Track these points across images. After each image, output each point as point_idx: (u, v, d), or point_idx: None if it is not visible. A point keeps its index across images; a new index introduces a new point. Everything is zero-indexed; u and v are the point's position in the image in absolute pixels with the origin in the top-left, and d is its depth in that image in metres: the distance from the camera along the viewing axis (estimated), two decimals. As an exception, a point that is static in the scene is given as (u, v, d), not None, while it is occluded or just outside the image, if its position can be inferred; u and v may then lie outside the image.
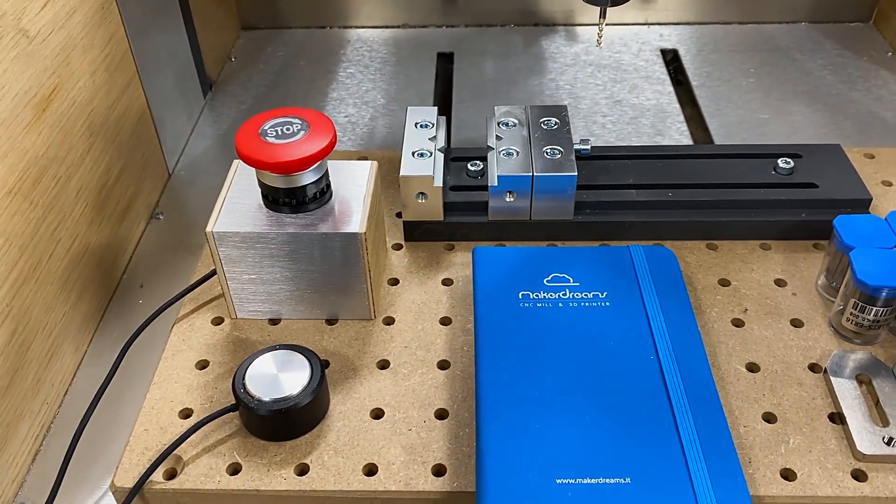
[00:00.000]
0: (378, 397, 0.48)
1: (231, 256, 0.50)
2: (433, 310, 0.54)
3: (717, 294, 0.54)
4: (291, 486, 0.44)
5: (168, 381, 0.50)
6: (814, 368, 0.49)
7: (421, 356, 0.51)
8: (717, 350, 0.51)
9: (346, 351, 0.51)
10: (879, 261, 0.49)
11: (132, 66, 0.67)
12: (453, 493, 0.43)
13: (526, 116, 0.61)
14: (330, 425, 0.47)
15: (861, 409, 0.46)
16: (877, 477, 0.44)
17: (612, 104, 0.83)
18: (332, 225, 0.49)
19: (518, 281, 0.53)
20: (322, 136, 0.48)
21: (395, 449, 0.45)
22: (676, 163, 0.60)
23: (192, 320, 0.54)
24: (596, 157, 0.61)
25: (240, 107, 0.85)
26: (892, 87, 0.85)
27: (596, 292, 0.51)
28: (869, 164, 0.65)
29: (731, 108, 0.82)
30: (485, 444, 0.43)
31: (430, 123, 0.60)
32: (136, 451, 0.46)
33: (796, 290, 0.54)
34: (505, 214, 0.58)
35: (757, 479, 0.44)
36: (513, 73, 0.89)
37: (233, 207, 0.51)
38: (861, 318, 0.49)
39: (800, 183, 0.58)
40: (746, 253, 0.57)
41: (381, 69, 0.90)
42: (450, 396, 0.48)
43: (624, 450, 0.42)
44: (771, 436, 0.46)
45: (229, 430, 0.47)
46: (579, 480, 0.41)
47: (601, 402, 0.45)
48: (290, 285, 0.51)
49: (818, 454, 0.45)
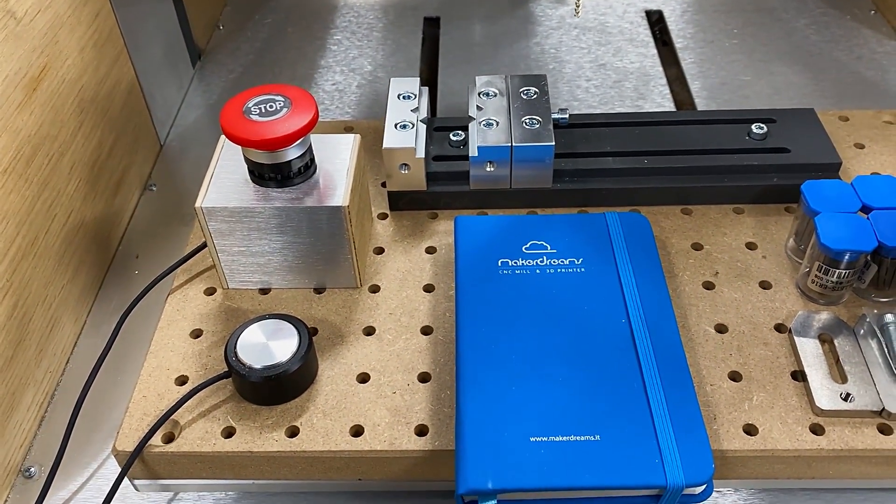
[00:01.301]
0: (364, 362, 0.51)
1: (220, 230, 0.52)
2: (417, 277, 0.56)
3: (689, 258, 0.56)
4: (283, 447, 0.47)
5: (164, 349, 0.52)
6: (780, 329, 0.52)
7: (405, 322, 0.53)
8: (687, 312, 0.53)
9: (333, 318, 0.54)
10: (843, 225, 0.51)
11: (120, 41, 0.68)
12: (435, 452, 0.46)
13: (506, 86, 0.62)
14: (319, 390, 0.49)
15: (821, 367, 0.48)
16: (833, 430, 0.46)
17: (596, 68, 0.84)
18: (317, 198, 0.51)
19: (498, 249, 0.55)
20: (304, 112, 0.49)
21: (381, 411, 0.48)
22: (653, 130, 0.62)
23: (185, 291, 0.56)
24: (574, 126, 0.62)
25: (228, 76, 0.86)
26: (874, 46, 0.85)
27: (572, 258, 0.54)
28: (843, 127, 0.66)
29: (713, 70, 0.83)
30: (463, 405, 0.46)
31: (412, 94, 0.62)
32: (136, 416, 0.48)
33: (766, 253, 0.56)
34: (486, 183, 0.60)
35: (721, 434, 0.46)
36: (499, 37, 0.90)
37: (221, 183, 0.52)
38: (825, 280, 0.51)
39: (772, 148, 0.60)
40: (720, 217, 0.59)
41: (368, 35, 0.91)
42: (432, 360, 0.51)
43: (594, 409, 0.45)
44: (736, 393, 0.48)
45: (223, 395, 0.49)
46: (552, 438, 0.44)
47: (574, 364, 0.47)
48: (278, 256, 0.54)
49: (780, 410, 0.47)
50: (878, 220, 0.51)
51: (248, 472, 0.48)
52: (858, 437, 0.46)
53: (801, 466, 0.46)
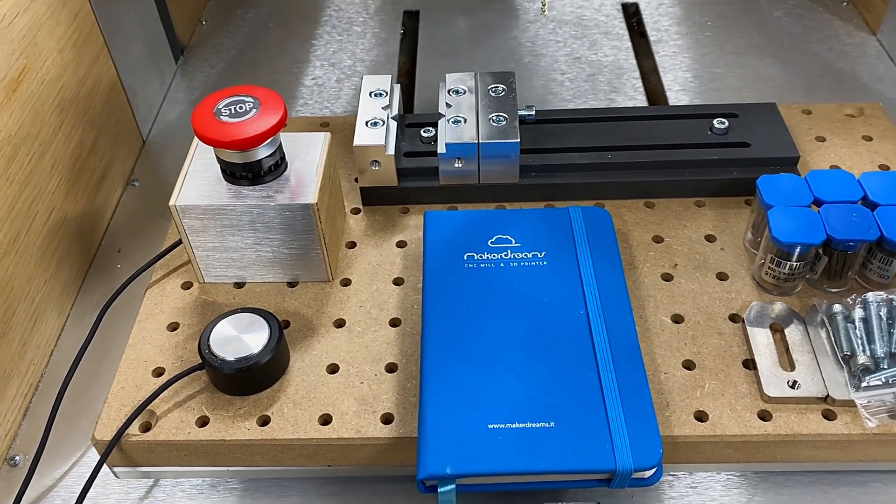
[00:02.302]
0: (334, 353, 0.53)
1: (194, 227, 0.54)
2: (387, 271, 0.58)
3: (650, 250, 0.58)
4: (254, 435, 0.49)
5: (142, 342, 0.54)
6: (734, 319, 0.54)
7: (374, 315, 0.55)
8: (645, 303, 0.55)
9: (305, 311, 0.56)
10: (794, 219, 0.52)
11: (100, 40, 0.70)
12: (399, 439, 0.48)
13: (475, 83, 0.64)
14: (290, 380, 0.51)
15: (771, 356, 0.51)
16: (780, 416, 0.48)
17: (571, 61, 0.86)
18: (288, 196, 0.53)
19: (464, 243, 0.56)
20: (273, 113, 0.51)
21: (349, 400, 0.50)
22: (617, 125, 0.64)
23: (163, 285, 0.58)
24: (541, 122, 0.64)
25: (211, 71, 0.87)
26: (844, 38, 0.87)
27: (535, 252, 0.55)
28: (805, 121, 0.68)
29: (687, 63, 0.85)
30: (426, 394, 0.48)
31: (384, 92, 0.63)
32: (114, 407, 0.51)
33: (725, 246, 0.58)
34: (455, 179, 0.62)
35: (673, 420, 0.49)
36: (477, 31, 0.91)
37: (194, 181, 0.54)
38: (778, 272, 0.53)
39: (733, 142, 0.62)
40: (681, 210, 0.61)
41: (348, 29, 0.92)
42: (400, 351, 0.53)
43: (550, 397, 0.47)
44: (689, 381, 0.50)
45: (198, 386, 0.51)
46: (508, 425, 0.46)
47: (533, 355, 0.49)
48: (251, 252, 0.55)
49: (730, 397, 0.49)
50: (828, 214, 0.53)
51: (222, 459, 0.50)
52: (804, 422, 0.48)
53: (749, 451, 0.48)
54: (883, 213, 0.53)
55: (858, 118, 0.68)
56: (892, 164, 0.64)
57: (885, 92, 0.80)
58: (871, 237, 0.52)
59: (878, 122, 0.68)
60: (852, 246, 0.52)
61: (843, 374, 0.49)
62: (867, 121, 0.68)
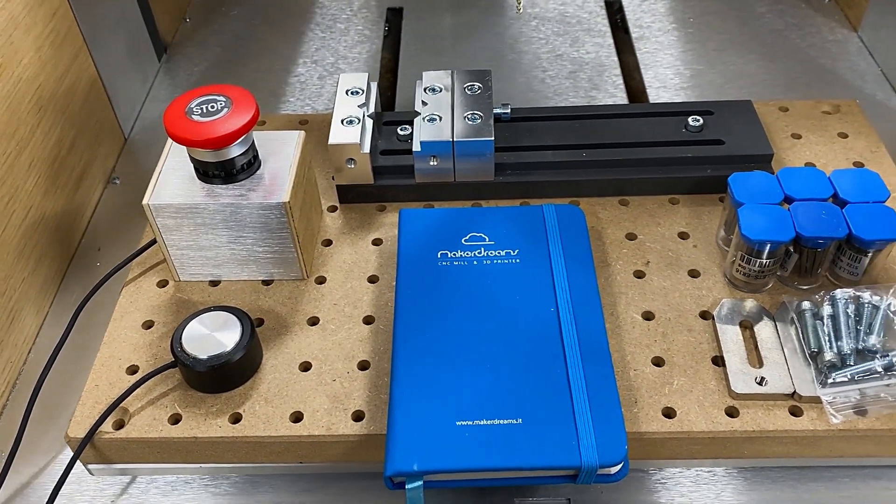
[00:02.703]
0: (307, 351, 0.53)
1: (168, 226, 0.54)
2: (362, 268, 0.59)
3: (623, 247, 0.59)
4: (226, 433, 0.49)
5: (117, 340, 0.55)
6: (704, 316, 0.54)
7: (348, 312, 0.56)
8: (617, 300, 0.55)
9: (279, 309, 0.56)
10: (764, 216, 0.53)
11: (79, 38, 0.70)
12: (369, 436, 0.49)
13: (451, 82, 0.64)
14: (262, 378, 0.52)
15: (739, 353, 0.51)
16: (747, 413, 0.49)
17: (553, 58, 0.86)
18: (260, 194, 0.53)
19: (438, 241, 0.57)
20: (244, 111, 0.51)
21: (320, 398, 0.51)
22: (593, 123, 0.64)
23: (139, 283, 0.58)
24: (517, 120, 0.64)
25: (194, 69, 0.88)
26: (826, 34, 0.87)
27: (508, 250, 0.56)
28: (782, 118, 0.68)
29: (668, 60, 0.85)
30: (396, 391, 0.48)
31: (360, 90, 0.64)
32: (88, 404, 0.51)
33: (697, 243, 0.59)
34: (431, 177, 0.62)
35: (641, 417, 0.49)
36: (460, 28, 0.92)
37: (168, 180, 0.54)
38: (748, 269, 0.54)
39: (707, 140, 0.62)
40: (655, 208, 0.61)
41: (332, 26, 0.93)
42: (372, 349, 0.53)
43: (519, 394, 0.47)
44: (658, 378, 0.51)
45: (171, 384, 0.52)
46: (476, 422, 0.46)
47: (503, 352, 0.50)
48: (225, 250, 0.56)
49: (698, 394, 0.50)
50: (798, 211, 0.53)
51: (194, 456, 0.50)
52: (770, 418, 0.48)
53: (716, 447, 0.49)
54: (852, 210, 0.53)
55: (835, 115, 0.69)
56: (866, 160, 0.64)
57: (865, 88, 0.80)
58: (840, 234, 0.52)
59: (854, 119, 0.68)
60: (821, 243, 0.53)
61: (811, 370, 0.50)
62: (843, 118, 0.68)
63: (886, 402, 0.48)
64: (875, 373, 0.48)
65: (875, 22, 0.84)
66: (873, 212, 0.53)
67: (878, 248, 0.53)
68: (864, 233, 0.52)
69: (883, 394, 0.48)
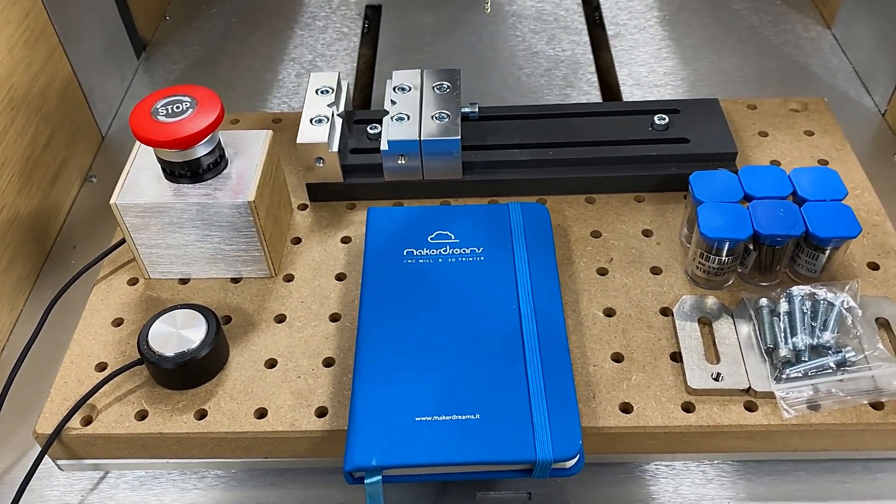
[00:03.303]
0: (273, 348, 0.54)
1: (136, 225, 0.55)
2: (331, 266, 0.59)
3: (587, 245, 0.59)
4: (191, 429, 0.50)
5: (86, 337, 0.55)
6: (665, 312, 0.55)
7: (315, 310, 0.56)
8: (580, 297, 0.56)
9: (247, 307, 0.57)
10: (723, 214, 0.54)
11: (54, 38, 0.71)
12: (332, 432, 0.49)
13: (420, 81, 0.65)
14: (228, 375, 0.53)
15: (697, 349, 0.52)
16: (703, 408, 0.50)
17: (529, 56, 0.86)
18: (226, 193, 0.54)
19: (405, 239, 0.58)
20: (209, 112, 0.52)
21: (285, 394, 0.51)
22: (561, 122, 0.65)
23: (110, 281, 0.59)
24: (486, 119, 0.65)
25: (173, 67, 0.88)
26: (800, 31, 0.88)
27: (473, 248, 0.57)
28: (750, 116, 0.69)
29: (643, 57, 0.86)
30: (357, 387, 0.49)
31: (330, 89, 0.64)
32: (56, 401, 0.52)
33: (661, 240, 0.59)
34: (399, 175, 0.62)
35: (599, 412, 0.50)
36: (438, 26, 0.92)
37: (135, 179, 0.55)
38: (707, 266, 0.54)
39: (672, 138, 0.63)
40: (621, 205, 0.62)
41: (310, 24, 0.93)
42: (338, 346, 0.54)
43: (478, 390, 0.48)
44: (616, 373, 0.52)
45: (139, 381, 0.53)
46: (435, 417, 0.47)
47: (464, 349, 0.50)
48: (193, 249, 0.56)
49: (655, 389, 0.51)
50: (756, 209, 0.54)
51: (161, 451, 0.51)
52: (726, 413, 0.49)
53: (672, 442, 0.50)
54: (810, 208, 0.54)
55: (802, 113, 0.69)
56: (831, 158, 0.65)
57: (837, 86, 0.81)
58: (797, 232, 0.53)
59: (822, 117, 0.69)
60: (779, 241, 0.53)
61: (766, 366, 0.50)
62: (811, 116, 0.69)
63: (838, 397, 0.49)
64: (828, 368, 0.49)
65: (848, 19, 0.84)
66: (831, 210, 0.54)
67: (836, 245, 0.53)
68: (821, 230, 0.53)
69: (835, 389, 0.49)
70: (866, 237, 0.59)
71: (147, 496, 0.52)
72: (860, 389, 0.49)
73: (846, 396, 0.49)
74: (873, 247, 0.58)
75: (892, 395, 0.49)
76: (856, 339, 0.51)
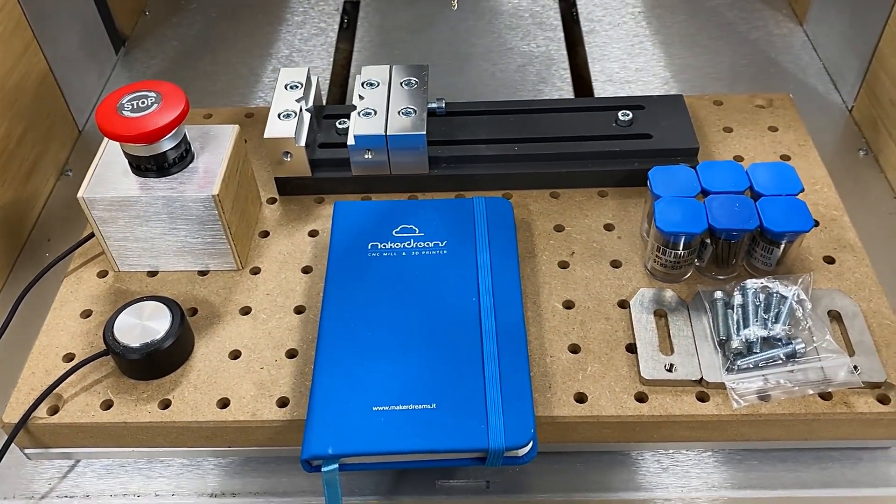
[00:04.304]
0: (237, 340, 0.55)
1: (103, 218, 0.56)
2: (297, 259, 0.60)
3: (550, 239, 0.60)
4: (154, 418, 0.51)
5: (55, 329, 0.56)
6: (623, 305, 0.56)
7: (280, 302, 0.57)
8: (540, 289, 0.57)
9: (213, 299, 0.58)
10: (679, 209, 0.54)
11: (28, 33, 0.71)
12: (292, 421, 0.50)
13: (389, 76, 0.66)
14: (193, 366, 0.54)
15: (652, 340, 0.53)
16: (656, 398, 0.51)
17: (504, 52, 0.87)
18: (191, 187, 0.55)
19: (370, 232, 0.58)
20: (174, 107, 0.53)
21: (247, 385, 0.52)
22: (527, 118, 0.65)
23: (80, 274, 0.60)
24: (452, 114, 0.66)
25: (151, 62, 0.89)
26: (772, 28, 0.89)
27: (437, 241, 0.58)
28: (715, 111, 0.70)
29: (616, 53, 0.87)
30: (316, 377, 0.50)
31: (299, 84, 0.65)
32: (24, 391, 0.53)
33: (622, 235, 0.60)
34: (367, 170, 0.63)
35: (554, 402, 0.51)
36: (415, 21, 0.93)
37: (103, 173, 0.56)
38: (664, 260, 0.55)
39: (636, 134, 0.64)
40: (584, 200, 0.63)
41: (288, 19, 0.94)
42: (301, 338, 0.55)
43: (435, 380, 0.49)
44: (573, 364, 0.53)
45: (105, 371, 0.53)
46: (392, 407, 0.48)
47: (424, 340, 0.51)
48: (160, 242, 0.57)
49: (610, 380, 0.52)
50: (712, 204, 0.55)
51: (126, 440, 0.52)
52: (678, 404, 0.50)
53: (626, 431, 0.51)
54: (765, 203, 0.55)
55: (767, 109, 0.70)
56: (793, 153, 0.66)
57: (808, 82, 0.82)
58: (751, 226, 0.54)
59: (786, 112, 0.70)
60: (735, 235, 0.54)
61: (719, 357, 0.51)
62: (775, 111, 0.70)
63: (787, 387, 0.50)
64: (778, 360, 0.50)
65: (819, 17, 0.85)
66: (785, 204, 0.55)
67: (790, 239, 0.54)
68: (775, 225, 0.54)
69: (783, 380, 0.50)
70: (823, 231, 0.60)
71: (113, 484, 0.53)
72: (809, 380, 0.50)
73: (795, 387, 0.50)
74: (830, 241, 0.59)
75: (840, 386, 0.50)
76: (806, 331, 0.52)
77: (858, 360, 0.51)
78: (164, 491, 0.53)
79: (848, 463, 0.52)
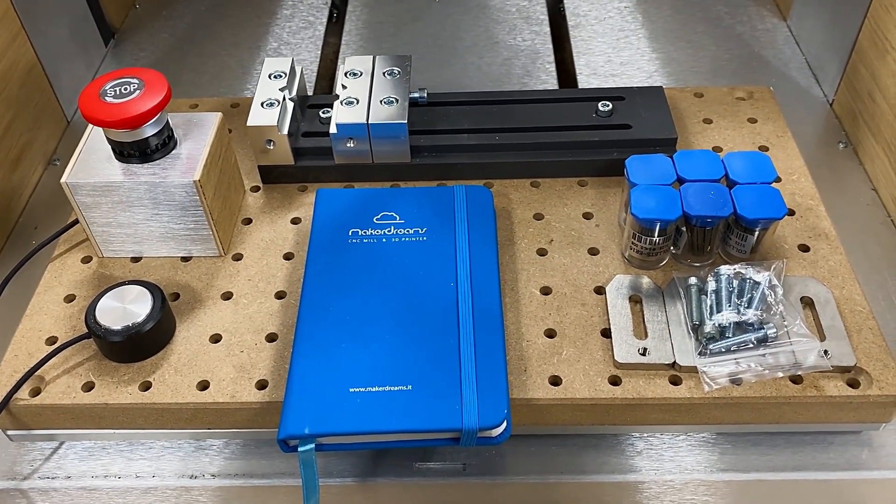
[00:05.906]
0: (219, 324, 0.56)
1: (87, 203, 0.57)
2: (279, 246, 0.61)
3: (529, 227, 0.61)
4: (135, 399, 0.52)
5: (39, 313, 0.57)
6: (599, 291, 0.57)
7: (262, 288, 0.58)
8: (518, 276, 0.58)
9: (195, 284, 0.58)
10: (655, 196, 0.55)
11: (16, 23, 0.72)
12: (270, 403, 0.51)
13: (372, 66, 0.66)
14: (173, 349, 0.54)
15: (626, 325, 0.54)
16: (629, 382, 0.51)
17: (490, 45, 0.88)
18: (173, 173, 0.55)
19: (351, 219, 0.59)
20: (156, 93, 0.54)
21: (227, 367, 0.53)
22: (508, 108, 0.66)
23: (64, 259, 0.61)
24: (434, 104, 0.66)
25: (140, 54, 0.90)
26: (756, 23, 0.90)
27: (417, 228, 0.58)
28: (696, 104, 0.71)
29: (601, 48, 0.87)
30: (294, 359, 0.51)
31: (283, 73, 0.66)
32: (6, 373, 0.53)
33: (600, 223, 0.61)
34: (349, 158, 0.64)
35: (529, 384, 0.52)
36: (403, 15, 0.94)
37: (87, 159, 0.57)
38: (640, 247, 0.56)
39: (615, 124, 0.64)
40: (564, 189, 0.64)
41: (276, 12, 0.94)
42: (281, 322, 0.56)
43: (412, 363, 0.50)
44: (548, 348, 0.53)
45: (87, 354, 0.54)
46: (368, 389, 0.49)
47: (401, 324, 0.52)
48: (144, 227, 0.58)
49: (584, 363, 0.52)
50: (687, 192, 0.56)
51: (107, 422, 0.53)
52: (651, 387, 0.51)
53: (599, 414, 0.52)
54: (739, 191, 0.56)
55: (748, 101, 0.71)
56: (771, 144, 0.67)
57: (790, 75, 0.82)
58: (725, 213, 0.54)
59: (766, 105, 0.70)
60: (709, 222, 0.55)
61: (692, 342, 0.52)
62: (755, 104, 0.71)
63: (758, 371, 0.50)
64: (750, 344, 0.51)
65: (801, 12, 0.86)
66: (759, 192, 0.55)
67: (764, 226, 0.55)
68: (749, 212, 0.54)
69: (754, 364, 0.50)
70: (799, 220, 0.61)
71: (95, 466, 0.54)
72: (780, 364, 0.51)
73: (765, 371, 0.50)
74: (805, 229, 0.60)
75: (809, 369, 0.50)
76: (778, 316, 0.52)
77: (829, 345, 0.52)
78: (145, 472, 0.53)
79: (819, 447, 0.53)
